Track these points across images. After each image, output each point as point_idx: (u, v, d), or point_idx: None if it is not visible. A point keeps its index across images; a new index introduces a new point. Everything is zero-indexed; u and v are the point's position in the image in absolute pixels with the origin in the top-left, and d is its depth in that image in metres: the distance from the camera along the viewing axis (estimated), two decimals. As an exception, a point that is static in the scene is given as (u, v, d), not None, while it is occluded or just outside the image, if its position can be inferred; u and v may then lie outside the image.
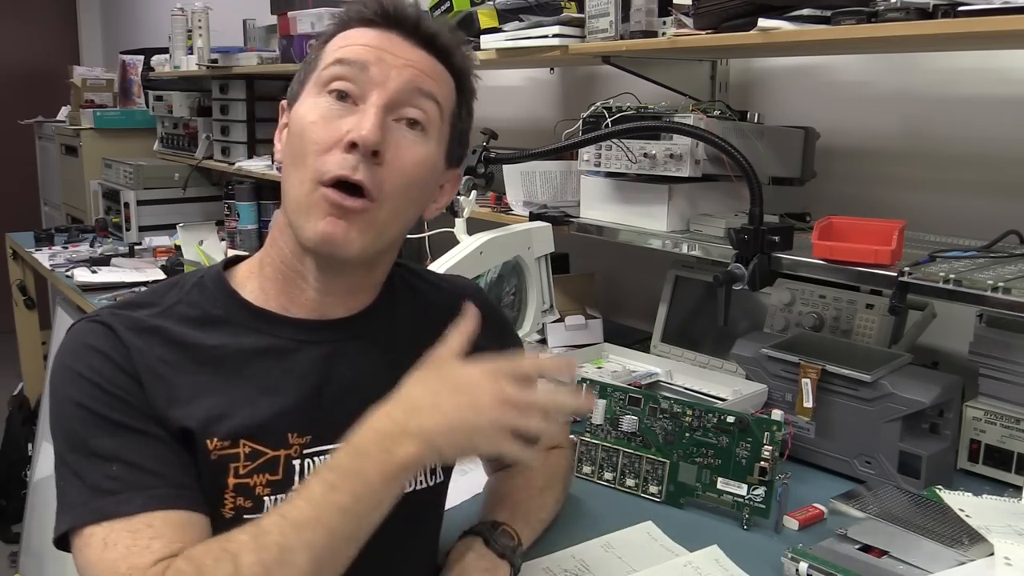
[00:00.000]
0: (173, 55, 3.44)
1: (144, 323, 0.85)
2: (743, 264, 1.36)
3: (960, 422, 1.30)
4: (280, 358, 0.87)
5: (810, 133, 1.67)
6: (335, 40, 0.88)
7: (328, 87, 0.85)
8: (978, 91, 1.53)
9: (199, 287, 0.90)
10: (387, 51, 0.86)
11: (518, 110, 2.50)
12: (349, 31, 0.88)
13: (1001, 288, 1.14)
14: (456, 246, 1.43)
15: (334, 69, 0.85)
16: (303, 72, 0.90)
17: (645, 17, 1.58)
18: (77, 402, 0.80)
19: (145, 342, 0.83)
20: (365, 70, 0.84)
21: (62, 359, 0.83)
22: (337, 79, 0.85)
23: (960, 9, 1.12)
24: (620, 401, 1.26)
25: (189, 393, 0.82)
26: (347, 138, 0.82)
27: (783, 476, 1.20)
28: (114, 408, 0.79)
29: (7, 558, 3.10)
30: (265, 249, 0.92)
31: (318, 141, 0.83)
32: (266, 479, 0.83)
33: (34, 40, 5.77)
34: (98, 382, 0.80)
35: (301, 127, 0.85)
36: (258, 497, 0.83)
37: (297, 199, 0.84)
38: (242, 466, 0.83)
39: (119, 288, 2.53)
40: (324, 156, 0.82)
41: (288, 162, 0.86)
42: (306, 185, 0.83)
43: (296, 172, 0.84)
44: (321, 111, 0.84)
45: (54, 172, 4.47)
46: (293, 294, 0.89)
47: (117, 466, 0.77)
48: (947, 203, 1.58)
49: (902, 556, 1.00)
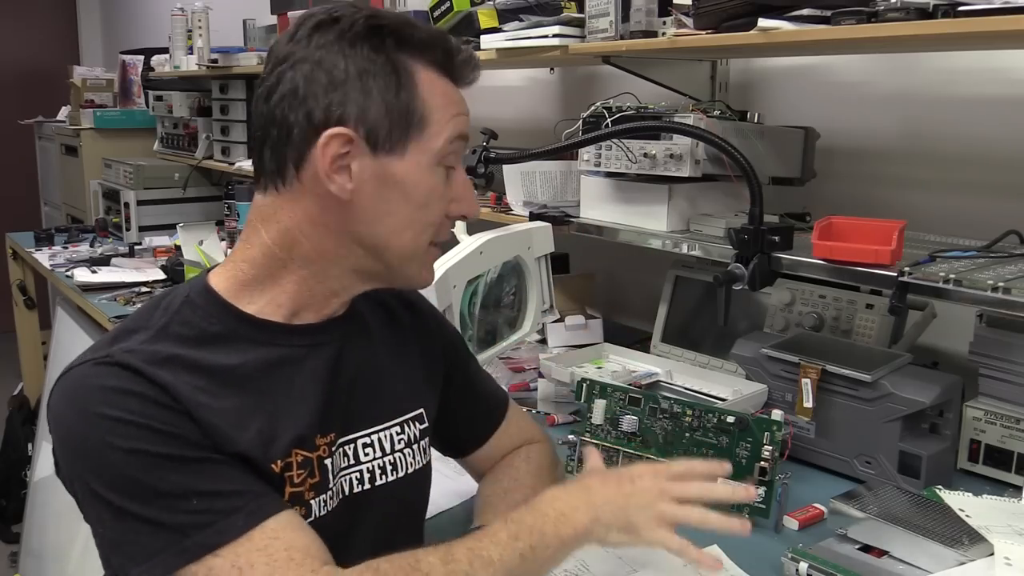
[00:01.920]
0: (173, 55, 3.44)
1: (158, 354, 0.82)
2: (743, 264, 1.36)
3: (960, 422, 1.30)
4: (296, 366, 0.89)
5: (810, 133, 1.67)
6: (431, 90, 0.86)
7: (445, 161, 0.89)
8: (978, 91, 1.53)
9: (189, 305, 0.87)
10: (469, 115, 0.92)
11: (518, 110, 2.50)
12: (446, 84, 0.89)
13: (1001, 288, 1.13)
14: (456, 246, 1.42)
15: (456, 146, 0.90)
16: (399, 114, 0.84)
17: (645, 17, 1.58)
18: (126, 448, 0.76)
19: (170, 373, 0.80)
20: (467, 141, 0.92)
21: (85, 407, 0.78)
22: (453, 153, 0.90)
23: (960, 9, 1.12)
24: (620, 401, 1.26)
25: (234, 418, 0.82)
26: (463, 213, 0.92)
27: (783, 476, 1.20)
28: (170, 444, 0.77)
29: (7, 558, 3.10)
30: (283, 265, 0.88)
31: (440, 212, 0.90)
32: (310, 484, 0.87)
33: (34, 40, 5.78)
34: (145, 423, 0.77)
35: (429, 197, 0.88)
36: (307, 502, 0.86)
37: (412, 252, 0.90)
38: (296, 475, 0.85)
39: (119, 288, 2.53)
40: (439, 224, 0.91)
41: (397, 220, 0.87)
42: (423, 245, 0.91)
43: (414, 232, 0.89)
44: (443, 184, 0.90)
45: (54, 172, 4.47)
46: (314, 305, 0.91)
47: (197, 499, 0.76)
48: (947, 203, 1.58)
49: (902, 556, 1.00)
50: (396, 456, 0.97)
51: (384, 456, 0.95)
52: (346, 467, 0.92)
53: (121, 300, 2.41)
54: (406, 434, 0.98)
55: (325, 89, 0.83)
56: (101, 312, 2.31)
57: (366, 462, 0.94)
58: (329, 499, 0.89)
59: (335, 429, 0.90)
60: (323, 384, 0.90)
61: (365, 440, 0.94)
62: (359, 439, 0.94)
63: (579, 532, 0.84)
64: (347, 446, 0.92)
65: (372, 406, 0.96)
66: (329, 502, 0.89)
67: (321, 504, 0.87)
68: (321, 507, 0.87)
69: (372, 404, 0.96)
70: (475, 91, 0.93)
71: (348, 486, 0.92)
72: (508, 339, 1.56)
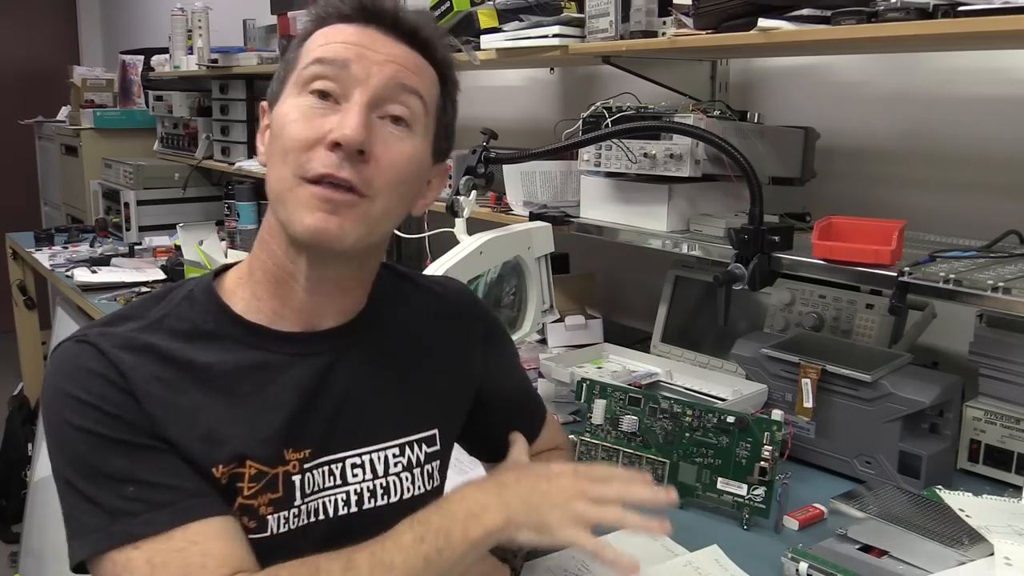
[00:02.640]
0: (173, 55, 3.44)
1: (135, 340, 0.83)
2: (743, 264, 1.36)
3: (960, 422, 1.30)
4: (274, 373, 0.86)
5: (810, 133, 1.67)
6: (314, 38, 0.87)
7: (309, 86, 0.84)
8: (978, 91, 1.53)
9: (189, 300, 0.88)
10: (367, 47, 0.85)
11: (518, 110, 2.50)
12: (327, 28, 0.87)
13: (1001, 288, 1.13)
14: (456, 246, 1.42)
15: (314, 68, 0.84)
16: (282, 71, 0.89)
17: (645, 17, 1.58)
18: (79, 427, 0.78)
19: (138, 359, 0.81)
20: (346, 68, 0.83)
21: (55, 383, 0.81)
22: (318, 78, 0.84)
23: (960, 9, 1.12)
24: (620, 401, 1.26)
25: (186, 416, 0.81)
26: (331, 137, 0.81)
27: (783, 476, 1.20)
28: (118, 429, 0.78)
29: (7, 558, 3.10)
30: (255, 254, 0.90)
31: (300, 139, 0.82)
32: (268, 498, 0.84)
33: (34, 40, 5.77)
34: (98, 404, 0.78)
35: (282, 125, 0.84)
36: (262, 517, 0.83)
37: (282, 195, 0.83)
38: (247, 487, 0.82)
39: (119, 288, 2.53)
40: (307, 154, 0.82)
41: (272, 161, 0.85)
42: (289, 181, 0.82)
43: (279, 170, 0.84)
44: (303, 110, 0.83)
45: (54, 172, 4.47)
46: (285, 296, 0.88)
47: (133, 487, 0.77)
48: (947, 203, 1.58)
49: (902, 556, 1.00)
50: (389, 480, 0.92)
51: (375, 479, 0.91)
52: (330, 487, 0.88)
53: (121, 300, 2.41)
54: (405, 457, 0.94)
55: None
56: (101, 312, 2.31)
57: (354, 483, 0.90)
58: (295, 517, 0.85)
59: (311, 445, 0.86)
60: (302, 396, 0.86)
61: (354, 460, 0.90)
62: (347, 459, 0.89)
63: (490, 532, 0.80)
64: (333, 465, 0.88)
65: (365, 425, 0.91)
66: (293, 520, 0.85)
67: (281, 521, 0.84)
68: (280, 524, 0.84)
69: (365, 423, 0.91)
70: (475, 91, 0.92)
71: (332, 507, 0.88)
72: (508, 339, 1.55)
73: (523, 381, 1.14)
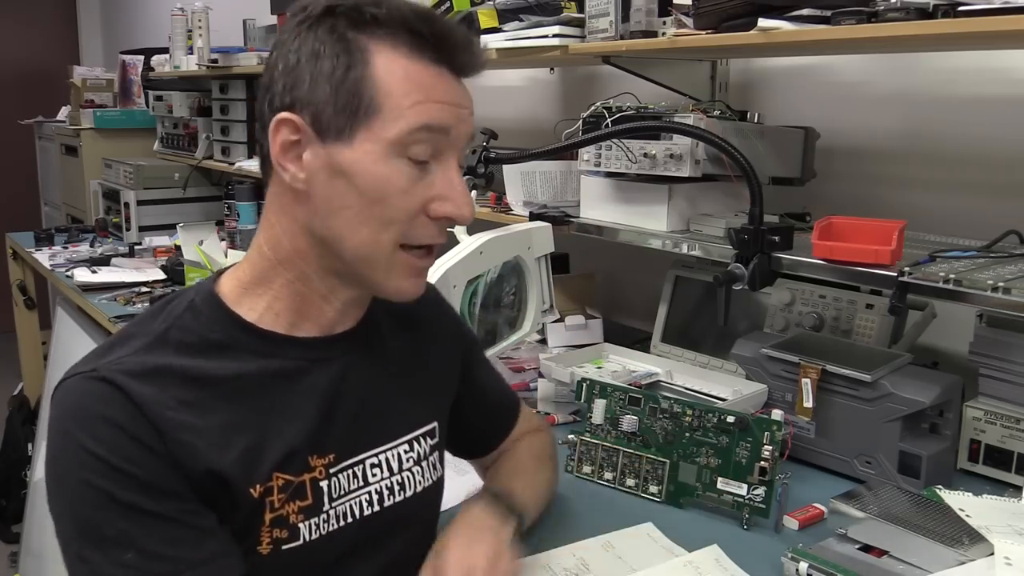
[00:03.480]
0: (173, 55, 3.44)
1: (146, 364, 0.78)
2: (743, 264, 1.36)
3: (960, 422, 1.30)
4: (294, 380, 0.85)
5: (810, 133, 1.67)
6: (392, 73, 0.78)
7: (409, 152, 0.80)
8: (978, 91, 1.53)
9: (192, 310, 0.84)
10: (459, 106, 0.82)
11: (518, 110, 2.50)
12: (414, 66, 0.79)
13: (1001, 288, 1.13)
14: (456, 246, 1.42)
15: (421, 136, 0.79)
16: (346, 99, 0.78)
17: (645, 17, 1.58)
18: (84, 480, 0.74)
19: (156, 387, 0.77)
20: (447, 134, 0.81)
21: (62, 425, 0.77)
22: (420, 144, 0.80)
23: (960, 9, 1.12)
24: (620, 401, 1.26)
25: (219, 437, 0.79)
26: (450, 214, 0.83)
27: (783, 476, 1.20)
28: (124, 486, 0.74)
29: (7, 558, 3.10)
30: (275, 270, 0.86)
31: (407, 210, 0.81)
32: (297, 506, 0.83)
33: (34, 40, 5.77)
34: (105, 456, 0.74)
35: (384, 190, 0.79)
36: (293, 525, 0.83)
37: (371, 257, 0.82)
38: (277, 499, 0.82)
39: (119, 288, 2.53)
40: (411, 223, 0.82)
41: (350, 216, 0.80)
42: (386, 246, 0.82)
43: (370, 231, 0.81)
44: (408, 176, 0.80)
45: (54, 172, 4.47)
46: (310, 313, 0.87)
47: (132, 554, 0.74)
48: (947, 203, 1.58)
49: (902, 556, 1.00)
50: (404, 475, 0.93)
51: (392, 476, 0.92)
52: (355, 489, 0.89)
53: (121, 300, 2.41)
54: (415, 451, 0.95)
55: (282, 75, 0.81)
56: (101, 312, 2.31)
57: (374, 483, 0.90)
58: (324, 522, 0.85)
59: (335, 449, 0.87)
60: (323, 401, 0.86)
61: (373, 460, 0.91)
62: (367, 459, 0.90)
63: None
64: (356, 467, 0.89)
65: (380, 425, 0.92)
66: (324, 525, 0.85)
67: (312, 528, 0.84)
68: (312, 531, 0.84)
69: (380, 423, 0.92)
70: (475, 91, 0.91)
71: (359, 509, 0.89)
72: (508, 339, 1.55)
73: (495, 373, 1.17)
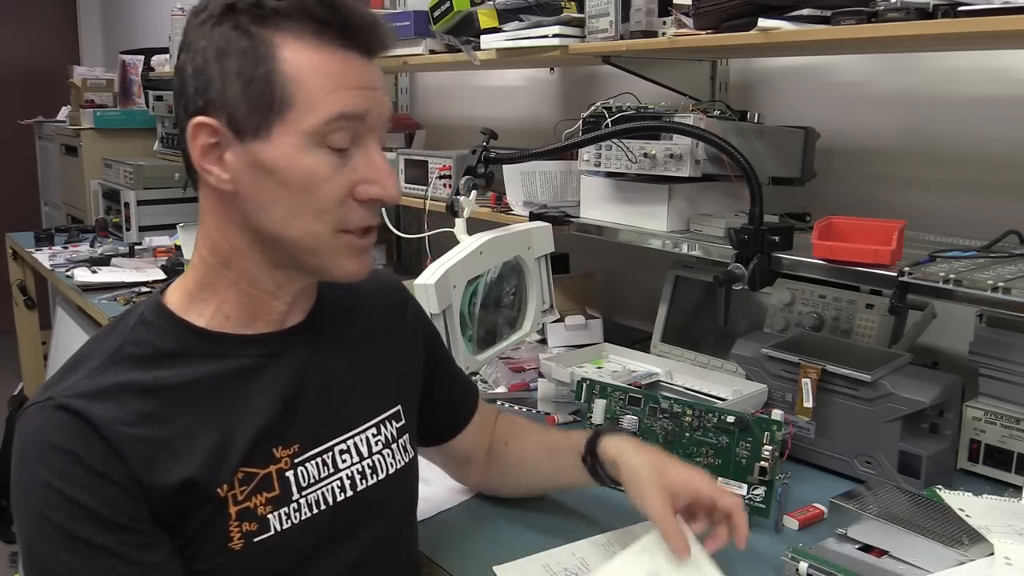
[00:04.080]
0: (173, 55, 3.44)
1: (101, 383, 0.79)
2: (743, 264, 1.36)
3: (960, 422, 1.30)
4: (252, 378, 0.86)
5: (810, 133, 1.67)
6: (303, 63, 0.78)
7: (327, 142, 0.80)
8: (978, 91, 1.53)
9: (142, 323, 0.85)
10: (370, 88, 0.82)
11: (518, 110, 2.50)
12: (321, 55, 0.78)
13: (1001, 288, 1.13)
14: (456, 246, 1.42)
15: (339, 125, 0.79)
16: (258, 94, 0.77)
17: (645, 17, 1.58)
18: (37, 511, 0.76)
19: (114, 405, 0.78)
20: (363, 120, 0.81)
21: (22, 458, 0.78)
22: (339, 133, 0.80)
23: (960, 9, 1.12)
24: (620, 401, 1.26)
25: (182, 443, 0.80)
26: (376, 196, 0.83)
27: (783, 476, 1.20)
28: (74, 518, 0.75)
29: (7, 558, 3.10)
30: (217, 272, 0.86)
31: (333, 198, 0.81)
32: (264, 497, 0.84)
33: (34, 40, 5.77)
34: (59, 488, 0.75)
35: (307, 182, 0.79)
36: (262, 517, 0.84)
37: (312, 247, 0.83)
38: (239, 492, 0.82)
39: (119, 288, 2.53)
40: (341, 209, 0.82)
41: (283, 209, 0.81)
42: (324, 235, 0.82)
43: (303, 223, 0.81)
44: (328, 166, 0.80)
45: (54, 172, 4.47)
46: (257, 310, 0.88)
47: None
48: (947, 203, 1.58)
49: (902, 556, 1.00)
50: (375, 459, 0.94)
51: (363, 460, 0.93)
52: (326, 477, 0.89)
53: (121, 300, 2.41)
54: (383, 435, 0.96)
55: (192, 78, 0.79)
56: (101, 312, 2.31)
57: (345, 468, 0.91)
58: (295, 511, 0.86)
59: (299, 439, 0.87)
60: (282, 394, 0.87)
61: (341, 447, 0.91)
62: (335, 446, 0.91)
63: None
64: (324, 455, 0.90)
65: (344, 411, 0.93)
66: (296, 514, 0.86)
67: (283, 518, 0.85)
68: (283, 521, 0.85)
69: (344, 409, 0.93)
70: (475, 91, 0.91)
71: (331, 495, 0.89)
72: (508, 339, 1.55)
73: (453, 360, 1.18)
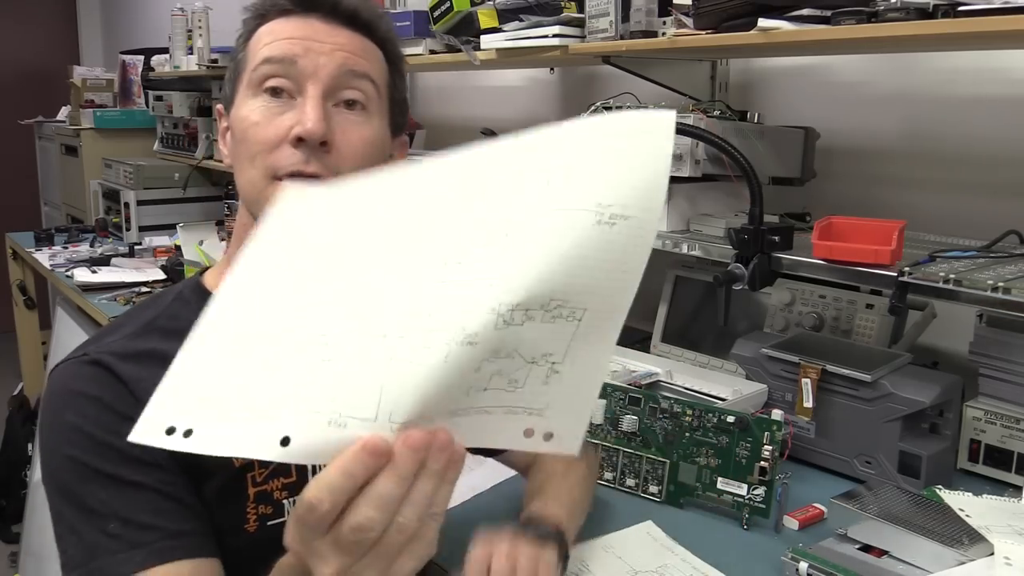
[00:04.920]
0: (173, 55, 3.44)
1: (132, 348, 0.83)
2: (743, 264, 1.36)
3: (960, 422, 1.30)
4: None
5: (810, 133, 1.67)
6: (259, 35, 0.88)
7: (262, 86, 0.85)
8: (978, 91, 1.53)
9: (179, 300, 0.89)
10: (312, 39, 0.86)
11: (518, 110, 2.50)
12: (270, 23, 0.88)
13: (1001, 288, 1.13)
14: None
15: (264, 69, 0.85)
16: (232, 72, 0.90)
17: (645, 17, 1.58)
18: (68, 455, 0.78)
19: (141, 367, 0.81)
20: (295, 64, 0.85)
21: (50, 405, 0.81)
22: (270, 77, 0.85)
23: (960, 9, 1.12)
24: (620, 401, 1.26)
25: None
26: (293, 133, 0.82)
27: (783, 476, 1.20)
28: (107, 458, 0.77)
29: (7, 558, 3.10)
30: (231, 252, 0.92)
31: (264, 140, 0.84)
32: (281, 483, 0.85)
33: (34, 40, 5.77)
34: (89, 431, 0.78)
35: (243, 129, 0.85)
36: (277, 502, 0.85)
37: (255, 197, 0.85)
38: (258, 474, 0.84)
39: (119, 288, 2.53)
40: (274, 153, 0.83)
41: (239, 164, 0.87)
42: (260, 182, 0.84)
43: (248, 172, 0.85)
44: (260, 111, 0.85)
45: (54, 172, 4.47)
46: None
47: (115, 523, 0.76)
48: (947, 203, 1.58)
49: (902, 556, 1.00)
50: None
51: None
52: None
53: (121, 300, 2.41)
54: None
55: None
56: (101, 312, 2.31)
57: None
58: None
59: None
60: None
61: None
62: None
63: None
64: None
65: None
66: None
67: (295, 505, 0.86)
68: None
69: None
70: (475, 91, 0.92)
71: None
72: (508, 339, 1.55)
73: None
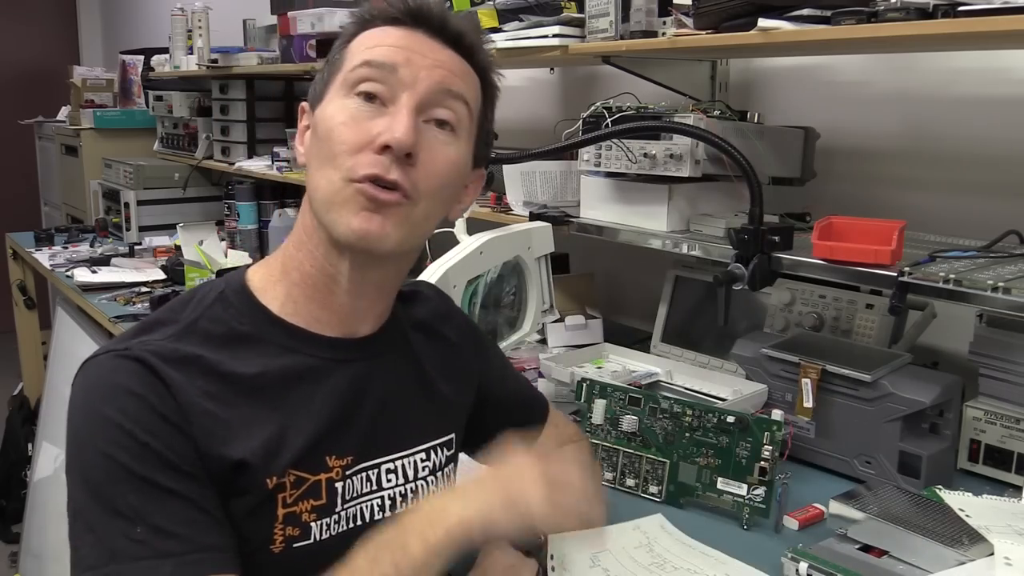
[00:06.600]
0: (173, 55, 3.44)
1: (176, 352, 0.80)
2: (743, 264, 1.36)
3: (960, 422, 1.30)
4: (317, 380, 0.86)
5: (810, 133, 1.67)
6: (360, 39, 0.86)
7: (356, 89, 0.83)
8: (978, 91, 1.53)
9: (222, 301, 0.86)
10: (415, 51, 0.84)
11: (518, 110, 2.50)
12: (374, 30, 0.86)
13: (1001, 288, 1.13)
14: (456, 246, 1.42)
15: (362, 71, 0.83)
16: (326, 72, 0.88)
17: (645, 17, 1.58)
18: (104, 452, 0.74)
19: (185, 375, 0.79)
20: (394, 72, 0.83)
21: (88, 399, 0.78)
22: (366, 80, 0.83)
23: (960, 9, 1.12)
24: (620, 401, 1.26)
25: (241, 428, 0.80)
26: (380, 140, 0.80)
27: (783, 476, 1.20)
28: (144, 461, 0.74)
29: (7, 558, 3.10)
30: (289, 253, 0.88)
31: (348, 142, 0.81)
32: (311, 505, 0.83)
33: (34, 40, 5.77)
34: (130, 429, 0.75)
35: (329, 128, 0.83)
36: (305, 524, 0.83)
37: (327, 197, 0.82)
38: (289, 495, 0.82)
39: (119, 288, 2.53)
40: (356, 156, 0.81)
41: (317, 163, 0.84)
42: (336, 183, 0.81)
43: (325, 172, 0.82)
44: (350, 112, 0.83)
45: (54, 172, 4.47)
46: (323, 299, 0.87)
47: (142, 529, 0.73)
48: (947, 203, 1.58)
49: (902, 556, 1.00)
50: (419, 484, 0.93)
51: (407, 483, 0.92)
52: (367, 493, 0.89)
53: (121, 300, 2.41)
54: (431, 461, 0.95)
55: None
56: (101, 312, 2.31)
57: (388, 488, 0.90)
58: (335, 523, 0.85)
59: (353, 452, 0.87)
60: (343, 403, 0.87)
61: (388, 466, 0.91)
62: (383, 464, 0.90)
63: (451, 533, 0.77)
64: (370, 471, 0.89)
65: (398, 431, 0.92)
66: (334, 526, 0.85)
67: (323, 528, 0.84)
68: (323, 531, 0.84)
69: (398, 429, 0.92)
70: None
71: (369, 513, 0.89)
72: (508, 339, 1.55)
73: (517, 380, 1.15)
